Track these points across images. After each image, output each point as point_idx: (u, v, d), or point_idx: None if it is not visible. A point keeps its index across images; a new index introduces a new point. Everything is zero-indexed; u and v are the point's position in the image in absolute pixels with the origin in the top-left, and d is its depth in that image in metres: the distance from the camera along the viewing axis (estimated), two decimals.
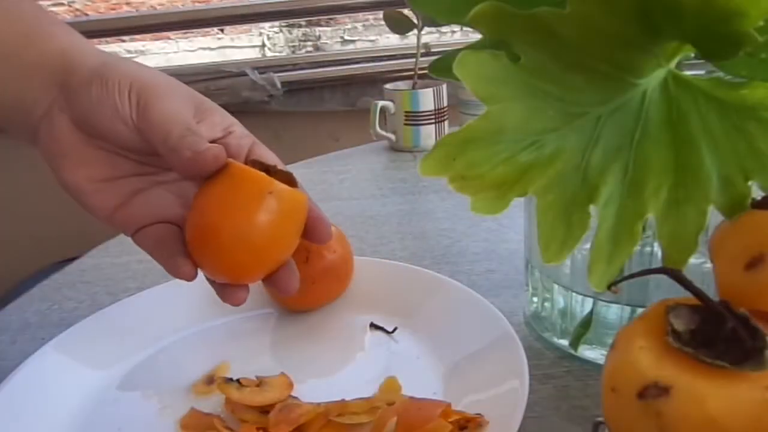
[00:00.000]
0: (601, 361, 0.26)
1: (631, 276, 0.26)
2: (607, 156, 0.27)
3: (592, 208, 0.28)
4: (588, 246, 0.28)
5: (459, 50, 0.30)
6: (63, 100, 0.34)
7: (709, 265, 0.26)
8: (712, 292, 0.23)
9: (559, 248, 0.28)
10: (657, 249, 0.35)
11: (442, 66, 0.31)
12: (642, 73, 0.27)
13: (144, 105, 0.33)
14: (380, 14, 0.91)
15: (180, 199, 0.37)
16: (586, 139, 0.28)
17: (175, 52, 1.56)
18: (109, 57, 0.36)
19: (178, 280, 0.35)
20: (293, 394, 0.38)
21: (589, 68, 0.26)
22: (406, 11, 0.88)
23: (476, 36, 0.27)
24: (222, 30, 1.56)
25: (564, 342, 0.41)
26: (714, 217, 0.27)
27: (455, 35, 1.45)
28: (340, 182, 0.81)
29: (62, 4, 1.54)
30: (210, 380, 0.40)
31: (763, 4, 0.21)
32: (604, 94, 0.27)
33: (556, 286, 0.40)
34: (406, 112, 0.89)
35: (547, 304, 0.42)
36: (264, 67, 1.31)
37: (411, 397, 0.36)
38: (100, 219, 0.36)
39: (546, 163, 0.28)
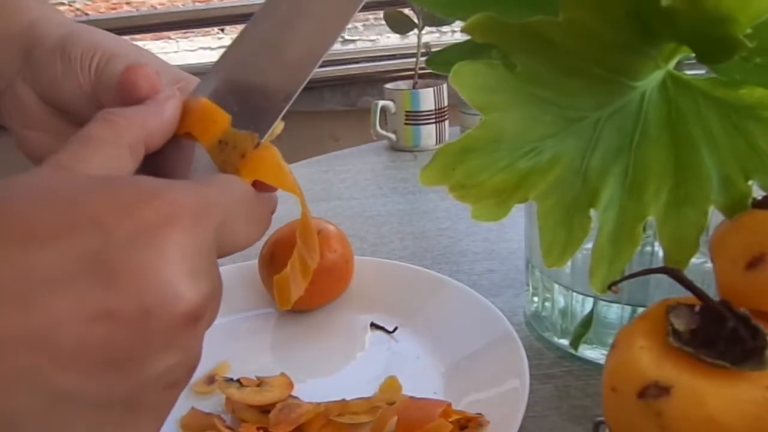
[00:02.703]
0: (602, 361, 0.26)
1: (632, 276, 0.26)
2: (606, 159, 0.27)
3: (593, 212, 0.28)
4: (589, 246, 0.28)
5: (456, 45, 0.30)
6: (28, 72, 0.33)
7: (709, 264, 0.26)
8: (712, 292, 0.23)
9: (561, 252, 0.28)
10: (658, 248, 0.35)
11: (439, 60, 0.31)
12: (639, 76, 0.27)
13: (101, 69, 0.31)
14: (380, 14, 0.91)
15: None
16: (585, 144, 0.28)
17: (176, 52, 1.56)
18: (75, 27, 0.34)
19: None
20: (293, 393, 0.38)
21: (585, 73, 0.26)
22: (406, 11, 0.88)
23: None
24: (222, 30, 1.56)
25: (564, 342, 0.41)
26: (714, 216, 0.27)
27: (455, 35, 1.45)
28: (340, 182, 0.81)
29: (63, 4, 1.54)
30: (210, 380, 0.40)
31: (752, 10, 0.21)
32: (602, 97, 0.27)
33: (556, 286, 0.40)
34: (406, 111, 0.89)
35: (547, 304, 0.42)
36: None
37: (411, 397, 0.36)
38: None
39: (545, 168, 0.28)
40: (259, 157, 0.27)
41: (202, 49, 1.57)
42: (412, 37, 0.91)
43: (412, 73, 0.92)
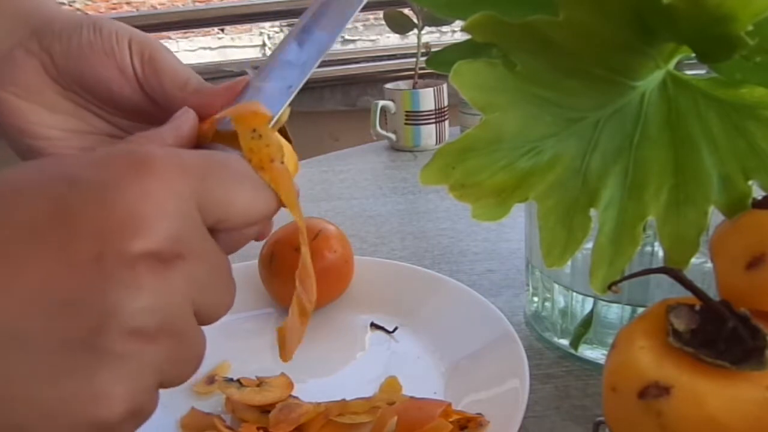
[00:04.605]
0: (602, 361, 0.26)
1: (632, 276, 0.26)
2: (606, 159, 0.27)
3: (593, 212, 0.28)
4: (589, 246, 0.28)
5: (456, 44, 0.30)
6: (36, 44, 0.34)
7: (709, 264, 0.26)
8: (712, 292, 0.23)
9: (561, 252, 0.28)
10: (658, 248, 0.35)
11: (439, 60, 0.31)
12: (639, 76, 0.27)
13: (150, 57, 0.34)
14: (380, 14, 0.91)
15: None
16: (585, 144, 0.28)
17: (176, 52, 1.56)
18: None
19: None
20: (293, 393, 0.38)
21: (585, 73, 0.26)
22: (406, 11, 0.88)
23: None
24: (222, 29, 1.57)
25: (564, 342, 0.41)
26: (715, 216, 0.27)
27: (455, 35, 1.46)
28: (340, 182, 0.81)
29: (62, 4, 1.54)
30: (210, 380, 0.40)
31: (753, 8, 0.21)
32: (602, 97, 0.27)
33: (556, 286, 0.40)
34: (406, 111, 0.89)
35: (547, 304, 0.42)
36: None
37: (411, 397, 0.36)
38: None
39: (545, 168, 0.28)
40: (284, 171, 0.27)
41: (202, 49, 1.57)
42: (412, 37, 0.91)
43: (412, 73, 0.92)
